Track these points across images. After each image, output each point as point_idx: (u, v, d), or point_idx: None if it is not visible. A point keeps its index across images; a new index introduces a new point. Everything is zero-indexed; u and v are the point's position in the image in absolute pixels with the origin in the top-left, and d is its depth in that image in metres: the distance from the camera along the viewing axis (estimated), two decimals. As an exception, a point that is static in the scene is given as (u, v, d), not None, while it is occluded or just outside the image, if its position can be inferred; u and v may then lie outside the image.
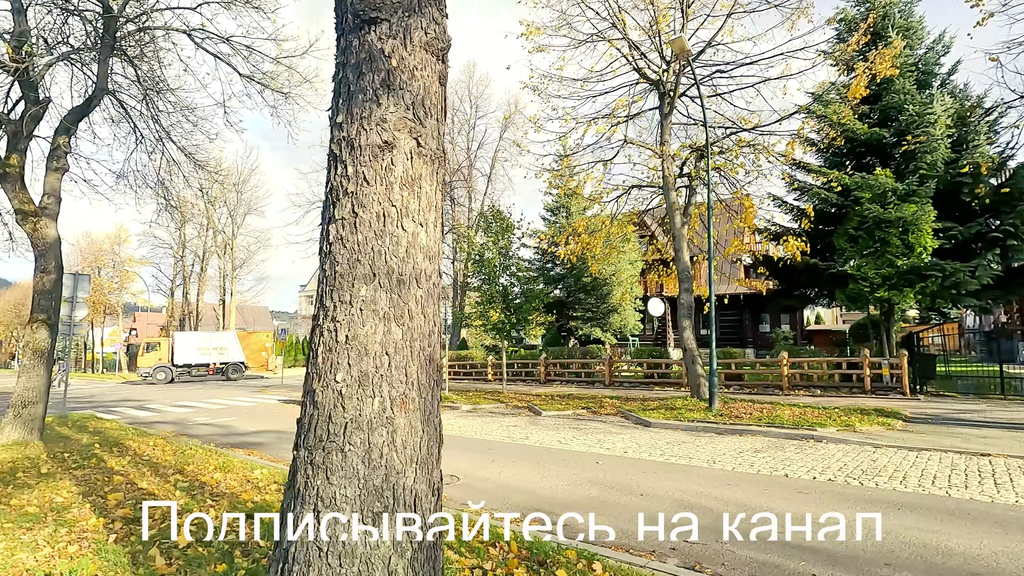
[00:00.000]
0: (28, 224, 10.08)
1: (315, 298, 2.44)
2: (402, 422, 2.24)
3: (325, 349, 2.24)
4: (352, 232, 2.33)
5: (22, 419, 9.46)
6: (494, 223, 18.84)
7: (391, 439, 2.19)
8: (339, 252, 2.33)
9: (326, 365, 2.22)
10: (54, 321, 10.14)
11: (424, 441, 2.31)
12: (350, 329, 2.24)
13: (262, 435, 12.50)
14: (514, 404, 17.24)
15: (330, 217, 2.40)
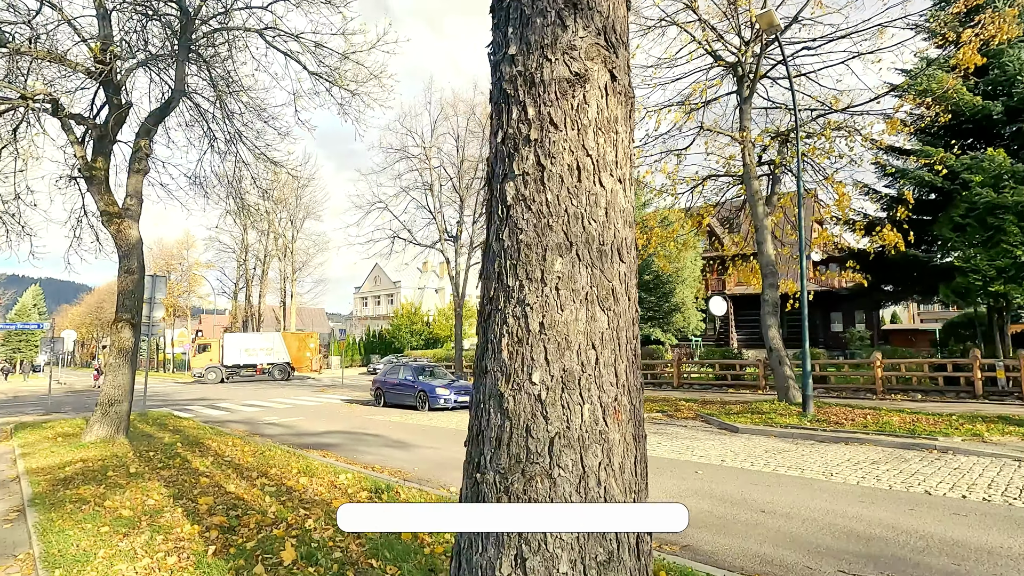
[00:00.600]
0: (112, 225, 10.25)
1: (484, 277, 1.93)
2: (616, 437, 1.69)
3: (513, 340, 1.72)
4: (539, 190, 1.81)
5: (109, 417, 9.58)
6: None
7: (607, 460, 1.64)
8: (522, 216, 1.80)
9: (515, 361, 1.70)
10: (137, 321, 10.27)
11: (638, 462, 1.76)
12: (545, 315, 1.71)
13: (333, 435, 12.37)
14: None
15: (504, 174, 1.89)
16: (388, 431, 12.78)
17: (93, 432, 9.46)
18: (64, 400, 23.80)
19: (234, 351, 34.10)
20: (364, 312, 71.44)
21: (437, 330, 53.35)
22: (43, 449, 9.31)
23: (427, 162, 22.19)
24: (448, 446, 10.63)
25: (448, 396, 16.60)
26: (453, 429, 12.90)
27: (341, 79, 12.16)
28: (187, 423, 13.08)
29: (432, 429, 13.02)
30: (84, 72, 10.58)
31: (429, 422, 14.29)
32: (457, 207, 23.46)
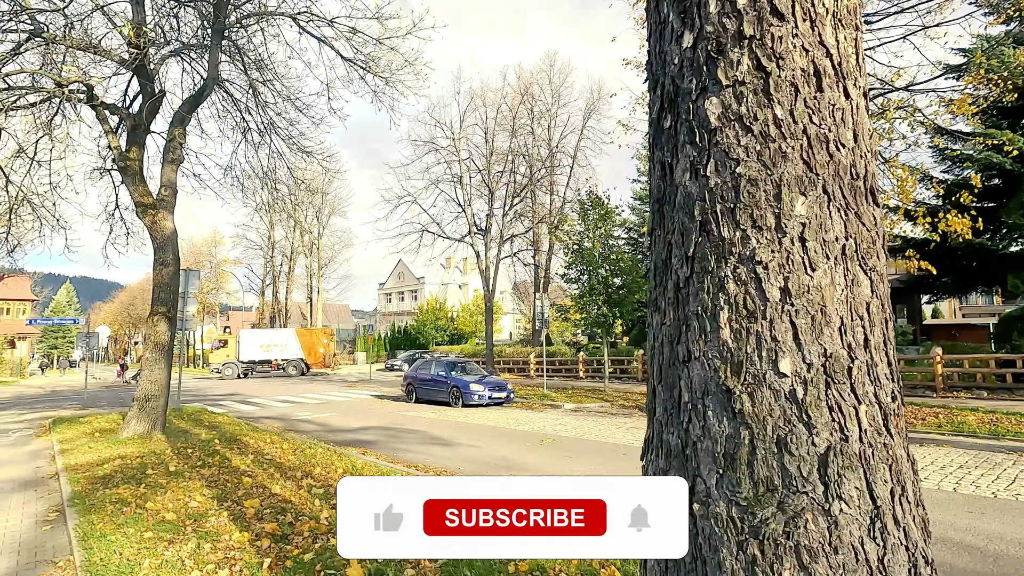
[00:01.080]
0: (147, 216, 10.02)
1: (660, 231, 1.42)
2: (901, 453, 1.16)
3: (739, 314, 1.21)
4: (762, 104, 1.29)
5: (146, 412, 9.36)
6: (592, 210, 17.65)
7: (899, 486, 1.12)
8: (737, 142, 1.29)
9: (745, 344, 1.19)
10: (173, 314, 10.03)
11: (918, 485, 1.22)
12: (789, 277, 1.20)
13: (369, 432, 12.03)
14: (620, 403, 16.01)
15: (699, 88, 1.38)
16: (425, 428, 12.40)
17: (130, 428, 9.24)
18: (99, 395, 24.07)
19: (250, 347, 34.22)
20: (388, 308, 71.67)
21: (461, 326, 53.15)
22: (81, 445, 9.11)
23: (456, 154, 21.77)
24: (490, 444, 10.17)
25: (482, 392, 16.17)
26: (491, 426, 12.45)
27: (375, 66, 11.77)
28: (222, 419, 12.88)
29: (469, 426, 12.60)
30: (117, 61, 10.36)
31: (464, 419, 13.88)
32: (486, 199, 23.01)
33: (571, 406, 15.88)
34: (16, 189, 11.32)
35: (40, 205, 11.63)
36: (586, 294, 17.21)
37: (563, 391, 18.95)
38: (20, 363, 41.77)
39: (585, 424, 12.36)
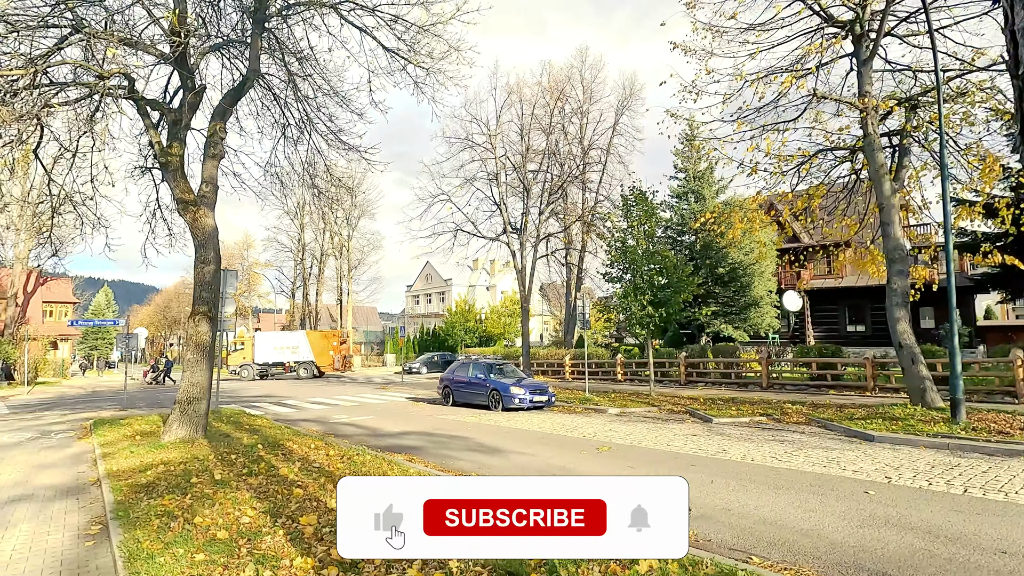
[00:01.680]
0: (188, 214, 9.73)
1: None
2: None
3: None
4: None
5: (188, 416, 9.03)
6: (635, 206, 16.92)
7: None
8: None
9: None
10: (215, 314, 9.71)
11: None
12: None
13: (411, 437, 11.55)
14: (668, 408, 15.24)
15: None
16: (469, 433, 11.87)
17: (172, 432, 8.92)
18: (138, 395, 24.26)
19: (265, 349, 34.60)
20: (416, 310, 71.76)
21: (490, 328, 52.71)
22: (122, 449, 8.83)
23: (492, 150, 21.23)
24: (542, 451, 9.57)
25: (523, 396, 15.59)
26: (538, 432, 11.85)
27: (416, 56, 11.30)
28: (261, 421, 12.57)
29: (515, 432, 12.01)
30: (158, 55, 10.11)
31: (507, 423, 13.31)
32: (521, 197, 22.39)
33: (615, 410, 15.18)
34: (59, 188, 11.20)
35: (81, 203, 11.49)
36: (630, 294, 16.47)
37: (604, 394, 18.24)
38: (63, 364, 42.81)
39: (636, 431, 11.66)
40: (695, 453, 9.13)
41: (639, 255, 16.37)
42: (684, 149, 29.56)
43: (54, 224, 11.47)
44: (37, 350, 38.83)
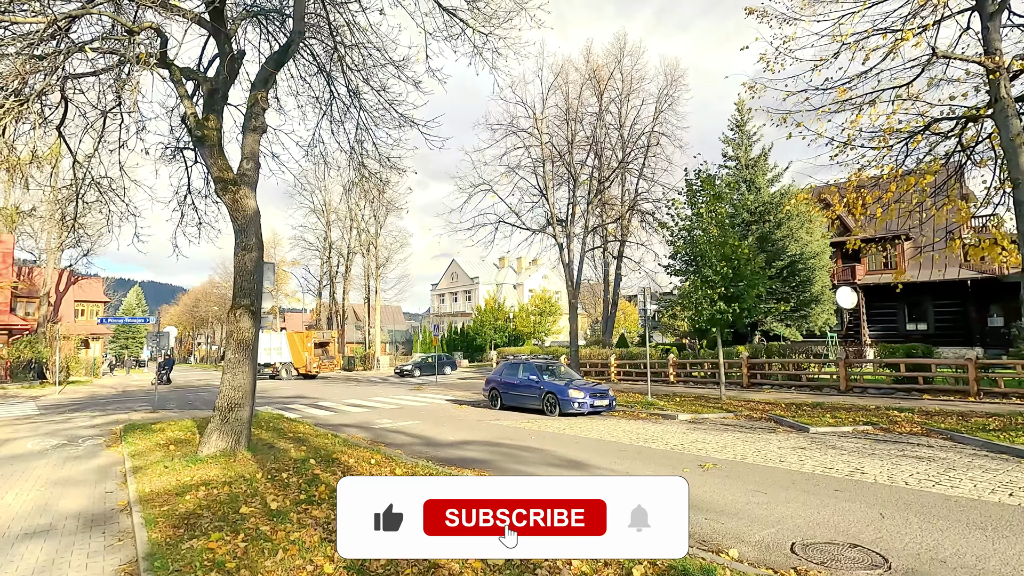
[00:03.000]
0: (227, 194, 8.55)
1: None
2: None
3: None
4: None
5: (228, 425, 7.84)
6: (701, 191, 15.38)
7: None
8: None
9: None
10: (257, 308, 8.52)
11: None
12: None
13: (472, 447, 10.24)
14: (744, 414, 13.70)
15: None
16: (534, 442, 10.51)
17: (211, 443, 7.74)
18: (168, 396, 23.49)
19: (285, 351, 35.77)
20: (442, 309, 70.83)
21: (520, 326, 51.37)
22: (155, 463, 7.68)
23: (538, 136, 19.84)
24: (636, 467, 8.16)
25: (583, 400, 14.19)
26: (613, 442, 10.43)
27: (477, 16, 9.98)
28: (304, 428, 11.40)
29: (586, 441, 10.62)
30: (193, 20, 8.96)
31: (571, 430, 11.93)
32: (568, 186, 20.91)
33: (686, 416, 13.69)
34: (83, 171, 10.14)
35: (108, 188, 10.43)
36: (698, 288, 14.94)
37: (667, 398, 16.74)
38: (94, 363, 42.71)
39: (728, 442, 10.17)
40: (825, 473, 7.63)
41: (708, 245, 14.83)
42: (734, 136, 27.83)
43: (79, 212, 10.42)
44: (69, 349, 38.70)
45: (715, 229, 14.74)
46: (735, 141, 27.49)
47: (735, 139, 27.55)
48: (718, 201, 15.29)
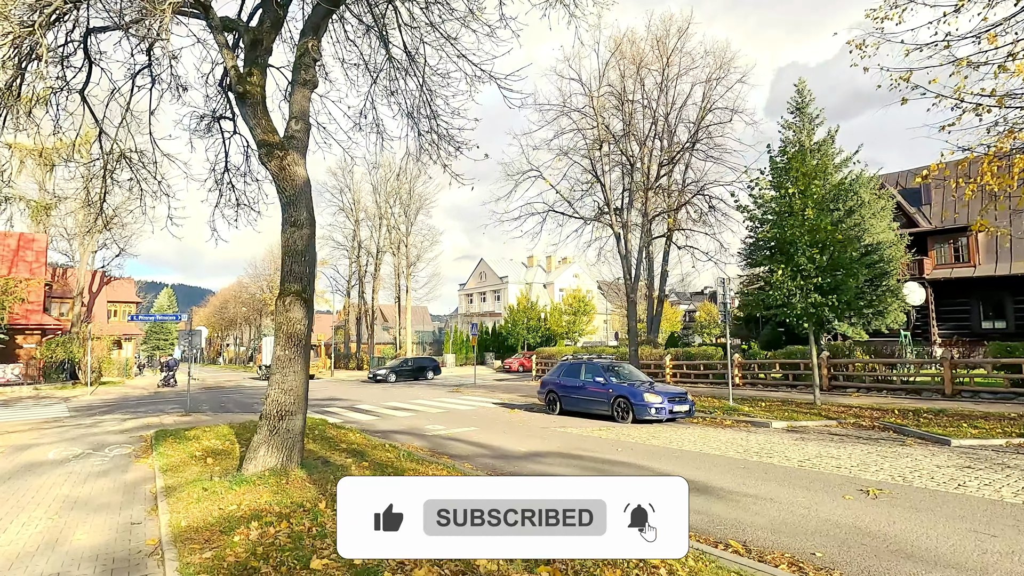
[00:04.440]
0: (274, 160, 7.18)
1: None
2: None
3: None
4: None
5: (279, 437, 6.43)
6: (789, 170, 13.61)
7: None
8: None
9: None
10: (310, 295, 7.12)
11: None
12: None
13: (550, 461, 8.70)
14: (851, 421, 11.88)
15: None
16: (623, 455, 8.92)
17: (258, 459, 6.34)
18: (199, 397, 22.51)
19: (268, 352, 38.27)
20: (470, 309, 69.61)
21: (552, 326, 49.69)
22: (191, 482, 6.33)
23: (593, 117, 18.19)
24: (778, 493, 6.51)
25: (660, 405, 12.53)
26: (718, 456, 8.77)
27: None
28: (356, 437, 10.02)
29: (682, 455, 8.98)
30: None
31: (656, 440, 10.31)
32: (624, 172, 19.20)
33: (781, 424, 11.94)
34: (111, 144, 8.92)
35: (138, 163, 9.20)
36: (788, 278, 13.16)
37: (748, 402, 14.95)
38: (126, 364, 42.44)
39: (864, 457, 8.43)
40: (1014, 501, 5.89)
41: (799, 230, 13.05)
42: (795, 120, 25.80)
43: (107, 189, 9.20)
44: (101, 349, 38.40)
45: (811, 211, 12.93)
46: (796, 125, 25.47)
47: (796, 123, 25.53)
48: (811, 180, 13.49)
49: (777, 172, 14.04)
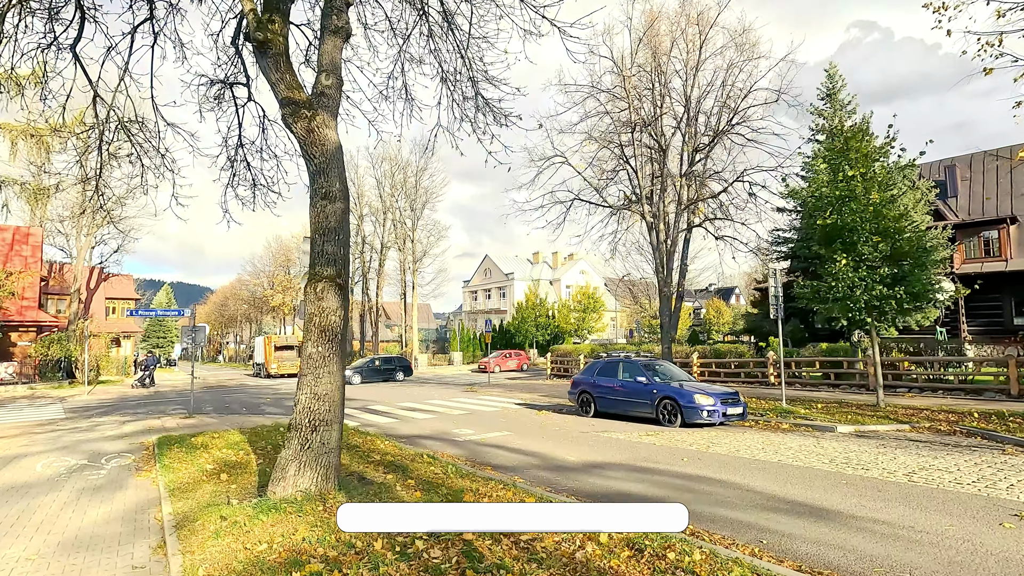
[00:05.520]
0: (300, 121, 6.03)
1: None
2: None
3: None
4: None
5: (312, 452, 5.28)
6: (854, 145, 12.49)
7: None
8: None
9: None
10: (345, 280, 5.98)
11: None
12: None
13: (613, 474, 7.58)
14: (925, 425, 10.77)
15: None
16: (693, 466, 7.79)
17: (288, 480, 5.20)
18: (202, 398, 21.36)
19: (259, 352, 39.51)
20: (474, 306, 68.40)
21: (562, 323, 48.54)
22: (206, 508, 5.19)
23: (624, 97, 16.95)
24: (919, 517, 5.37)
25: (713, 407, 11.41)
26: (802, 466, 7.64)
27: None
28: (387, 446, 8.91)
29: (766, 466, 7.85)
30: None
31: (720, 447, 9.18)
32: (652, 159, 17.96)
33: (847, 429, 10.83)
34: (107, 108, 7.75)
35: (139, 134, 8.04)
36: (847, 270, 12.03)
37: (800, 403, 13.83)
38: (125, 362, 41.27)
39: (976, 470, 7.31)
40: None
41: (866, 215, 11.93)
42: (825, 106, 24.67)
43: (104, 161, 8.03)
44: (99, 347, 37.21)
45: (877, 195, 11.82)
46: (827, 112, 24.33)
47: (827, 109, 24.40)
48: (871, 161, 12.38)
49: (834, 153, 12.91)
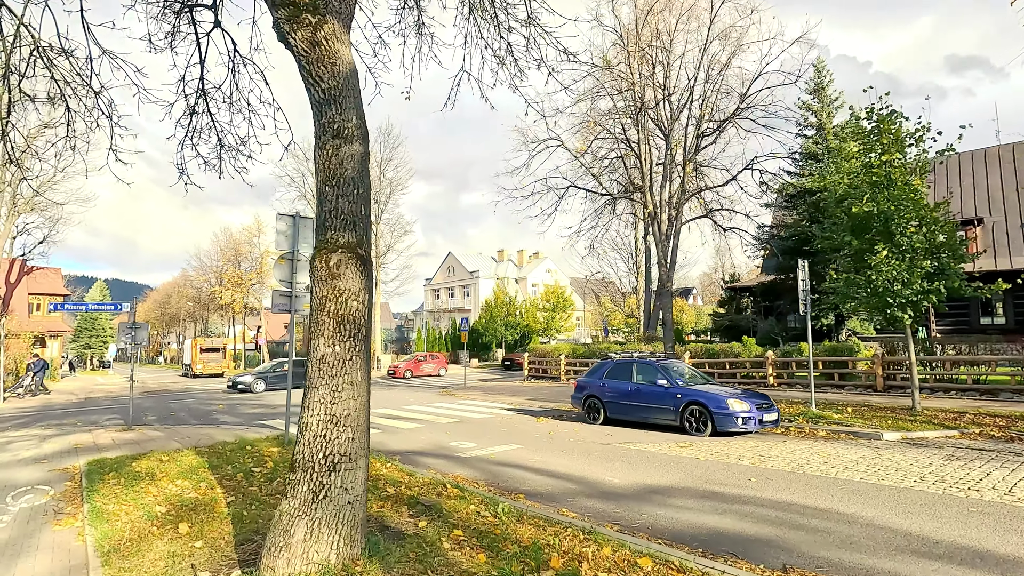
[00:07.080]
0: (301, 30, 4.27)
1: None
2: None
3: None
4: None
5: (331, 504, 3.53)
6: (885, 128, 11.56)
7: None
8: None
9: None
10: (367, 252, 4.24)
11: None
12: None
13: (679, 502, 6.14)
14: (974, 431, 9.89)
15: None
16: (771, 489, 6.46)
17: (295, 548, 3.43)
18: (143, 404, 18.73)
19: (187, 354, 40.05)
20: (437, 305, 66.19)
21: (530, 322, 47.18)
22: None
23: (628, 77, 15.63)
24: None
25: (748, 413, 10.18)
26: (890, 486, 6.43)
27: None
28: (392, 471, 7.13)
29: (855, 487, 6.60)
30: None
31: (777, 462, 7.93)
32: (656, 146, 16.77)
33: (894, 436, 9.83)
34: (16, 23, 5.69)
35: (62, 57, 5.99)
36: (884, 261, 11.08)
37: (830, 408, 12.83)
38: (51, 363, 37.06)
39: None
40: None
41: (906, 203, 11.00)
42: (814, 101, 24.27)
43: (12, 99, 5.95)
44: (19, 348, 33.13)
45: (918, 180, 10.91)
46: (815, 106, 23.93)
47: (815, 104, 23.99)
48: (903, 145, 11.50)
49: (865, 137, 11.97)
